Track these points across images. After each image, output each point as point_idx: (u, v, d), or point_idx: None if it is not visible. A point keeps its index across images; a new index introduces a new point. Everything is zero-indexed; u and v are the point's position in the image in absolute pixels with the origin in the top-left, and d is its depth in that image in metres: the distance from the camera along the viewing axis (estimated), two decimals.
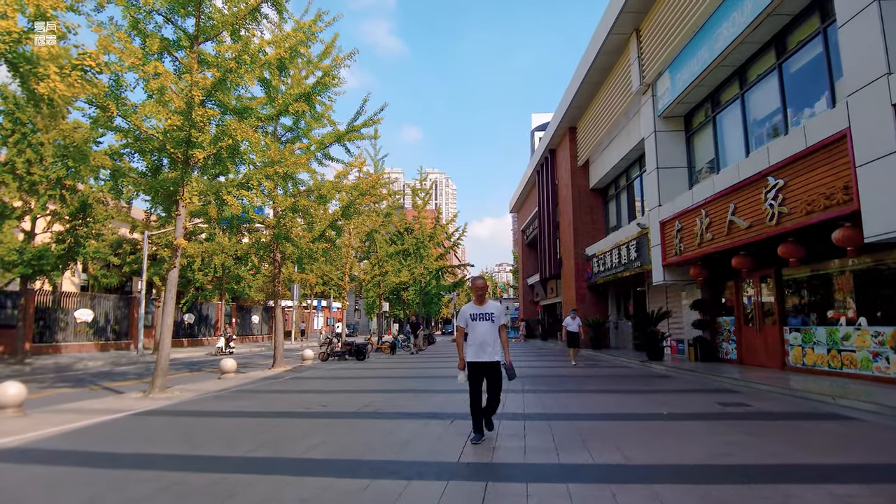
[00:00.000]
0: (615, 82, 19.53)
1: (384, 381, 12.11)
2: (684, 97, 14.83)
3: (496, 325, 5.57)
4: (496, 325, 5.57)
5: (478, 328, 5.53)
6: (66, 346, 22.47)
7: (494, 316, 5.58)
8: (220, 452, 5.33)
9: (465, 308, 5.74)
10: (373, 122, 15.90)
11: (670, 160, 15.97)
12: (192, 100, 9.51)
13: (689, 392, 9.49)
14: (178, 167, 10.72)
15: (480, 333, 5.52)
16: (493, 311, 5.61)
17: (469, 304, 5.76)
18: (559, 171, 27.68)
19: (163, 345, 10.25)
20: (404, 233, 31.38)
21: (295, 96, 12.35)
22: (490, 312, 5.60)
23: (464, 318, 5.65)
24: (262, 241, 16.47)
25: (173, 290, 10.67)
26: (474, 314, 5.60)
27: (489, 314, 5.59)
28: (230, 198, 10.98)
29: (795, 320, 11.73)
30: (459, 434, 5.98)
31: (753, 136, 12.87)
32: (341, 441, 5.72)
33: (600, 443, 5.46)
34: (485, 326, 5.53)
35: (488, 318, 5.56)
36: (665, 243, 15.30)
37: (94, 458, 5.25)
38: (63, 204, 17.71)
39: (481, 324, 5.54)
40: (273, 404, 8.72)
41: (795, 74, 11.48)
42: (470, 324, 5.59)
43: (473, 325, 5.56)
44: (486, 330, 5.53)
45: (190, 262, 25.06)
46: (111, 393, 10.91)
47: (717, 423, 6.57)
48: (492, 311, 5.62)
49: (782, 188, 10.16)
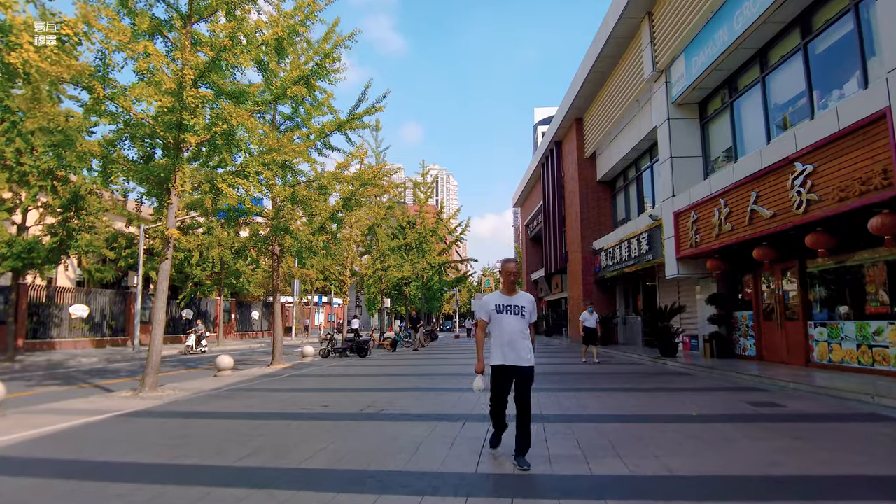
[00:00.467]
0: (625, 69, 18.89)
1: (387, 380, 11.56)
2: (700, 82, 14.21)
3: (526, 322, 4.55)
4: (527, 321, 4.55)
5: (505, 323, 4.49)
6: (60, 342, 21.92)
7: (526, 310, 4.55)
8: (209, 461, 4.76)
9: (488, 298, 4.67)
10: (375, 109, 15.25)
11: (684, 149, 15.35)
12: (183, 79, 8.91)
13: (713, 391, 8.92)
14: (170, 153, 10.13)
15: (508, 330, 4.47)
16: (524, 305, 4.56)
17: (494, 294, 4.70)
18: (565, 164, 27.05)
19: (154, 341, 9.68)
20: (406, 227, 30.77)
21: (294, 79, 11.73)
22: (520, 305, 4.55)
23: (486, 309, 4.61)
24: (261, 234, 15.88)
25: (165, 283, 10.10)
26: (501, 305, 4.55)
27: (519, 307, 4.54)
28: (225, 186, 10.40)
29: (821, 315, 11.15)
30: (473, 439, 5.40)
31: (775, 122, 12.26)
32: (343, 447, 5.15)
33: (632, 449, 4.89)
34: (513, 322, 4.49)
35: (518, 313, 4.52)
36: (679, 235, 14.70)
37: (67, 467, 4.68)
38: (55, 195, 17.11)
39: (509, 318, 4.50)
40: (270, 405, 8.16)
41: (823, 55, 10.86)
42: (494, 317, 4.55)
43: (499, 319, 4.52)
44: (515, 326, 4.48)
45: (187, 257, 24.50)
46: (100, 391, 10.36)
47: (753, 426, 6.00)
48: (523, 303, 4.57)
49: (811, 174, 9.56)
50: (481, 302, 4.70)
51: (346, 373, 13.03)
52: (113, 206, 21.91)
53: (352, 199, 15.16)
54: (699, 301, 15.53)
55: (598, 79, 21.19)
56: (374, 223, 24.35)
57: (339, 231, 19.04)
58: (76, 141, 9.98)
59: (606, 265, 21.71)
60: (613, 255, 20.73)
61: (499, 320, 4.54)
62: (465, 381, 10.76)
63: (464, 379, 11.09)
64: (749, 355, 13.45)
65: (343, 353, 18.80)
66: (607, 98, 21.08)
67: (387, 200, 28.05)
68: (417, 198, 32.84)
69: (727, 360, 13.20)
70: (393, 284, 29.71)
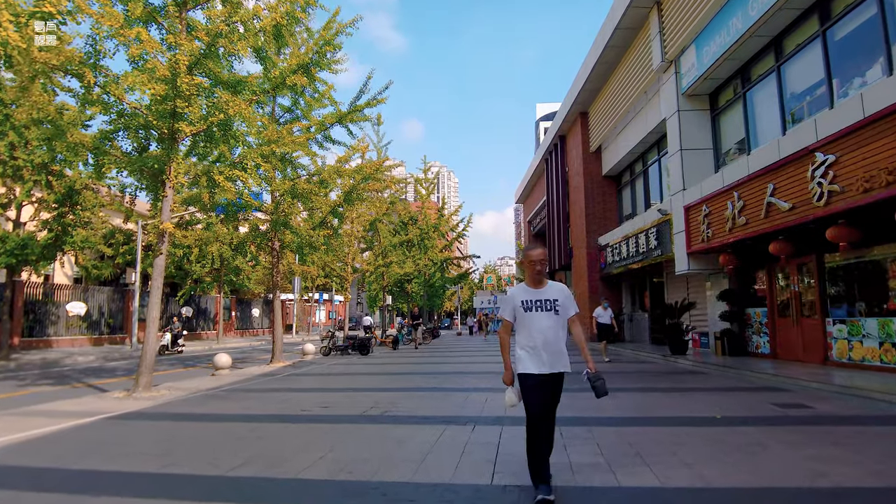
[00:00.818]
0: (633, 61, 18.44)
1: (390, 379, 11.18)
2: (712, 73, 13.77)
3: (562, 319, 3.67)
4: (562, 317, 3.66)
5: (534, 322, 3.63)
6: (57, 340, 21.57)
7: (560, 304, 3.66)
8: (199, 470, 4.38)
9: (513, 292, 3.86)
10: (377, 101, 14.85)
11: (695, 141, 14.92)
12: (177, 65, 8.51)
13: (731, 391, 8.52)
14: (165, 144, 9.74)
15: (540, 330, 3.61)
16: (556, 297, 3.68)
17: (519, 287, 3.87)
18: (570, 158, 26.62)
19: (148, 339, 9.31)
20: (408, 223, 30.37)
21: (293, 68, 11.32)
22: (552, 299, 3.67)
23: (510, 306, 3.76)
24: (260, 229, 15.49)
25: (160, 279, 9.72)
26: (528, 301, 3.69)
27: (551, 301, 3.66)
28: (222, 179, 10.00)
29: (840, 311, 10.74)
30: (486, 444, 5.02)
31: (791, 112, 11.83)
32: (344, 454, 4.77)
33: (659, 456, 4.50)
34: (545, 320, 3.62)
35: (550, 308, 3.64)
36: (690, 230, 14.28)
37: (42, 477, 4.31)
38: (49, 191, 16.73)
39: (540, 316, 3.63)
40: (268, 406, 7.79)
41: (843, 42, 10.43)
42: (521, 315, 3.69)
43: (528, 318, 3.66)
44: (546, 324, 3.61)
45: (186, 253, 24.12)
46: (94, 391, 10.00)
47: (784, 429, 5.61)
48: (555, 296, 3.69)
49: (833, 164, 9.14)
50: (505, 298, 4.01)
51: (348, 371, 12.66)
52: (111, 201, 21.53)
53: (353, 193, 14.77)
54: (710, 297, 15.13)
55: (603, 71, 20.73)
56: (375, 219, 23.95)
57: (341, 226, 18.66)
58: (67, 132, 9.61)
59: (612, 261, 21.30)
60: (619, 250, 20.32)
61: (528, 319, 3.66)
62: (470, 380, 10.39)
63: (469, 378, 10.71)
64: (762, 353, 13.05)
65: (344, 350, 18.44)
66: (613, 91, 20.63)
67: (388, 196, 27.69)
68: (419, 193, 32.45)
69: (740, 358, 12.80)
70: (395, 281, 29.32)
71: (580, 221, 24.31)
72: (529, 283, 3.83)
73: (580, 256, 24.40)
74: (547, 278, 3.87)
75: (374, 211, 24.16)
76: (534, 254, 3.79)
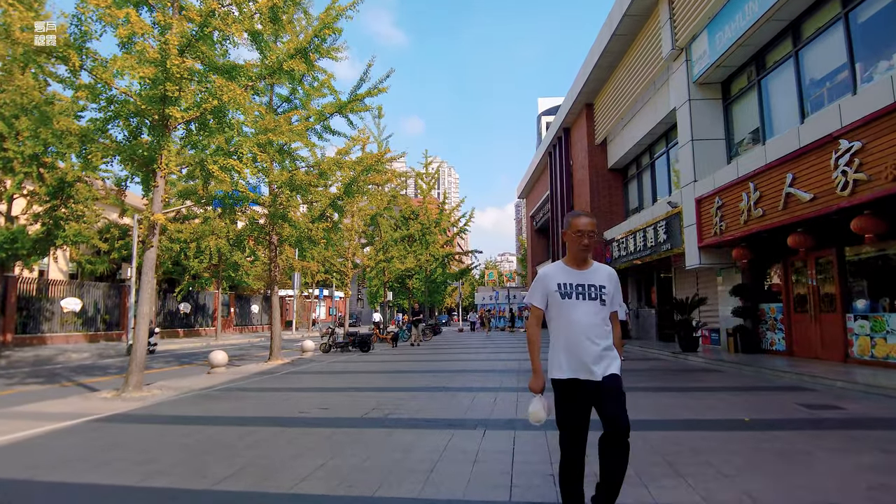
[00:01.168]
0: (641, 49, 17.93)
1: (392, 378, 10.75)
2: (725, 60, 13.28)
3: (607, 310, 2.88)
4: (608, 308, 2.88)
5: (574, 313, 2.82)
6: (51, 337, 21.13)
7: (606, 292, 2.87)
8: (183, 482, 3.94)
9: (547, 272, 2.98)
10: (378, 90, 14.37)
11: (706, 131, 14.44)
12: (167, 46, 8.04)
13: (752, 390, 8.09)
14: (156, 131, 9.27)
15: (581, 323, 2.80)
16: (604, 284, 2.89)
17: (555, 266, 2.99)
18: (574, 151, 26.13)
19: (138, 336, 8.86)
20: (409, 218, 29.89)
21: (290, 52, 10.83)
22: (599, 285, 2.87)
23: (542, 290, 2.94)
24: (257, 222, 15.02)
25: (151, 273, 9.27)
26: (567, 285, 2.86)
27: (597, 288, 2.86)
28: (216, 168, 9.53)
29: (862, 306, 10.29)
30: (499, 453, 4.58)
31: (810, 100, 11.35)
32: (344, 464, 4.32)
33: (693, 467, 4.05)
34: (588, 311, 2.82)
35: (595, 296, 2.84)
36: (701, 223, 13.81)
37: (11, 491, 3.87)
38: (41, 183, 16.26)
39: (581, 305, 2.82)
40: (263, 407, 7.35)
41: (867, 24, 9.94)
42: (556, 303, 2.87)
43: (565, 308, 2.84)
44: (590, 317, 2.81)
45: (184, 248, 23.66)
46: (83, 390, 9.57)
47: (823, 434, 5.16)
48: (602, 281, 2.89)
49: (859, 151, 8.66)
50: (536, 279, 3.02)
51: (348, 369, 12.23)
52: (106, 195, 21.05)
53: (354, 185, 14.29)
54: (721, 292, 14.66)
55: (610, 61, 20.22)
56: (376, 213, 23.48)
57: (341, 220, 18.20)
58: (53, 119, 9.15)
59: (618, 256, 20.83)
60: (626, 245, 19.85)
61: (563, 309, 2.84)
62: (476, 379, 9.94)
63: (475, 377, 10.27)
64: (777, 350, 12.61)
65: (344, 347, 18.01)
66: (620, 81, 20.13)
67: (390, 190, 27.22)
68: (420, 188, 32.00)
69: (753, 356, 12.36)
70: (396, 277, 28.87)
71: None
72: (570, 262, 2.95)
73: None
74: (591, 260, 3.00)
75: (375, 205, 23.69)
76: (581, 222, 2.88)
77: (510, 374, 10.60)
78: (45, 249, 17.02)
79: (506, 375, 10.31)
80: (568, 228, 2.96)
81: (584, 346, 2.79)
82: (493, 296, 46.74)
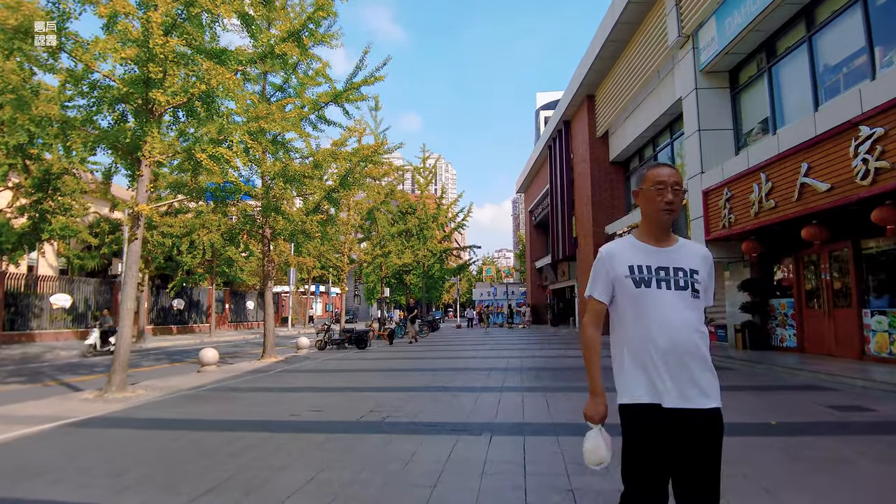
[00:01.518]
0: (645, 37, 17.45)
1: (390, 376, 10.30)
2: (734, 47, 12.82)
3: (702, 303, 2.02)
4: (702, 301, 2.02)
5: (657, 307, 1.96)
6: (40, 334, 20.62)
7: (700, 279, 2.01)
8: (153, 499, 3.48)
9: (612, 250, 2.09)
10: (374, 78, 13.86)
11: (713, 121, 13.98)
12: (149, 23, 7.54)
13: (770, 390, 7.67)
14: (141, 116, 8.78)
15: (667, 323, 1.94)
16: (696, 267, 2.01)
17: (625, 242, 2.11)
18: (575, 144, 25.66)
19: (121, 334, 8.38)
20: (407, 212, 29.39)
21: (283, 35, 10.32)
22: (690, 269, 2.00)
23: (607, 275, 2.07)
24: (250, 215, 14.52)
25: (135, 267, 8.78)
26: (645, 269, 2.01)
27: (688, 272, 2.00)
28: (204, 157, 9.04)
29: (879, 301, 9.88)
30: (509, 464, 4.13)
31: (824, 86, 10.91)
32: (337, 477, 3.87)
33: (729, 479, 3.56)
34: (676, 304, 1.96)
35: (686, 284, 1.98)
36: (709, 215, 13.38)
37: None
38: (26, 175, 15.72)
39: (667, 297, 1.96)
40: (253, 409, 6.89)
41: (886, 6, 9.48)
42: (628, 293, 2.01)
43: (642, 300, 1.98)
44: (680, 312, 1.95)
45: (176, 244, 23.13)
46: (66, 390, 9.10)
47: (858, 439, 4.74)
48: (693, 263, 2.02)
49: (881, 138, 8.23)
50: (599, 259, 2.10)
51: (344, 367, 11.78)
52: (96, 188, 20.50)
53: (349, 176, 13.80)
54: (728, 287, 14.25)
55: (613, 50, 19.73)
56: (373, 207, 23.00)
57: (337, 213, 17.73)
58: (31, 104, 8.65)
59: None
60: None
61: (640, 301, 1.97)
62: (478, 378, 9.50)
63: (476, 375, 9.83)
64: (788, 346, 12.21)
65: (341, 344, 17.57)
66: (623, 71, 19.64)
67: (387, 184, 26.72)
68: (418, 182, 31.51)
69: (763, 352, 11.97)
70: (393, 272, 28.40)
71: (586, 210, 23.41)
72: (646, 234, 2.06)
73: (586, 247, 23.52)
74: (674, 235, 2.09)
75: (372, 199, 23.21)
76: (663, 171, 2.02)
77: (513, 372, 10.18)
78: (32, 244, 16.50)
79: (508, 374, 9.88)
80: (642, 184, 2.07)
81: (670, 357, 1.90)
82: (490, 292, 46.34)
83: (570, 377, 9.39)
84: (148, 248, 20.57)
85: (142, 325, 22.36)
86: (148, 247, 20.52)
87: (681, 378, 1.90)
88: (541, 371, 10.34)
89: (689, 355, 1.91)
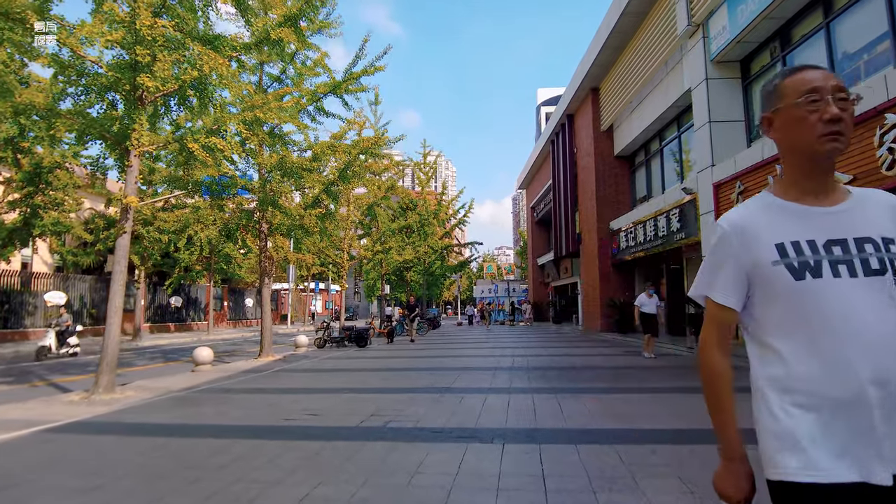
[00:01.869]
0: (653, 27, 17.00)
1: (391, 376, 9.90)
2: (746, 35, 12.39)
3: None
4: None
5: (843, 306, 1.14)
6: (34, 332, 20.22)
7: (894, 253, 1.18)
8: None
9: (742, 221, 1.26)
10: (374, 69, 13.42)
11: (724, 112, 13.56)
12: (136, 3, 7.12)
13: None
14: (129, 104, 8.36)
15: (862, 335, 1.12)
16: (889, 234, 1.19)
17: (757, 204, 1.29)
18: (578, 138, 25.22)
19: (109, 333, 7.97)
20: (408, 208, 28.95)
21: (279, 20, 9.89)
22: (884, 238, 1.18)
23: (738, 263, 1.26)
24: (245, 208, 14.09)
25: (124, 262, 8.37)
26: (810, 245, 1.20)
27: (877, 243, 1.17)
28: (196, 147, 8.62)
29: None
30: (525, 474, 3.73)
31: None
32: (335, 493, 3.47)
33: None
34: (871, 301, 1.14)
35: (880, 265, 1.16)
36: (720, 209, 12.96)
37: None
38: (17, 169, 15.29)
39: (855, 289, 1.15)
40: (246, 413, 6.49)
41: None
42: (780, 293, 1.20)
43: (811, 298, 1.16)
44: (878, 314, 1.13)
45: (173, 240, 22.72)
46: (53, 391, 8.69)
47: None
48: (883, 228, 1.20)
49: None
50: (721, 238, 1.29)
51: (344, 367, 11.38)
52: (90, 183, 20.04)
53: (349, 169, 13.38)
54: None
55: (619, 41, 19.28)
56: (373, 202, 22.57)
57: (337, 208, 17.31)
58: (14, 91, 8.23)
59: (626, 246, 20.01)
60: (635, 235, 19.02)
61: (808, 300, 1.17)
62: (483, 378, 9.09)
63: (481, 375, 9.43)
64: None
65: (340, 342, 17.18)
66: (629, 63, 19.19)
67: (387, 179, 26.29)
68: (419, 178, 31.09)
69: None
70: (394, 269, 27.99)
71: (590, 205, 22.99)
72: (793, 187, 1.28)
73: (590, 242, 23.11)
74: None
75: (372, 194, 22.78)
76: (814, 76, 1.25)
77: (519, 372, 9.77)
78: (24, 240, 16.08)
79: (515, 374, 9.48)
80: (780, 100, 1.27)
81: (884, 398, 1.11)
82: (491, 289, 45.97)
83: (578, 377, 8.99)
84: (144, 244, 20.16)
85: (138, 322, 21.97)
86: (144, 243, 20.11)
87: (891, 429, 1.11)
88: (547, 371, 9.94)
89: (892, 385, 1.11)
